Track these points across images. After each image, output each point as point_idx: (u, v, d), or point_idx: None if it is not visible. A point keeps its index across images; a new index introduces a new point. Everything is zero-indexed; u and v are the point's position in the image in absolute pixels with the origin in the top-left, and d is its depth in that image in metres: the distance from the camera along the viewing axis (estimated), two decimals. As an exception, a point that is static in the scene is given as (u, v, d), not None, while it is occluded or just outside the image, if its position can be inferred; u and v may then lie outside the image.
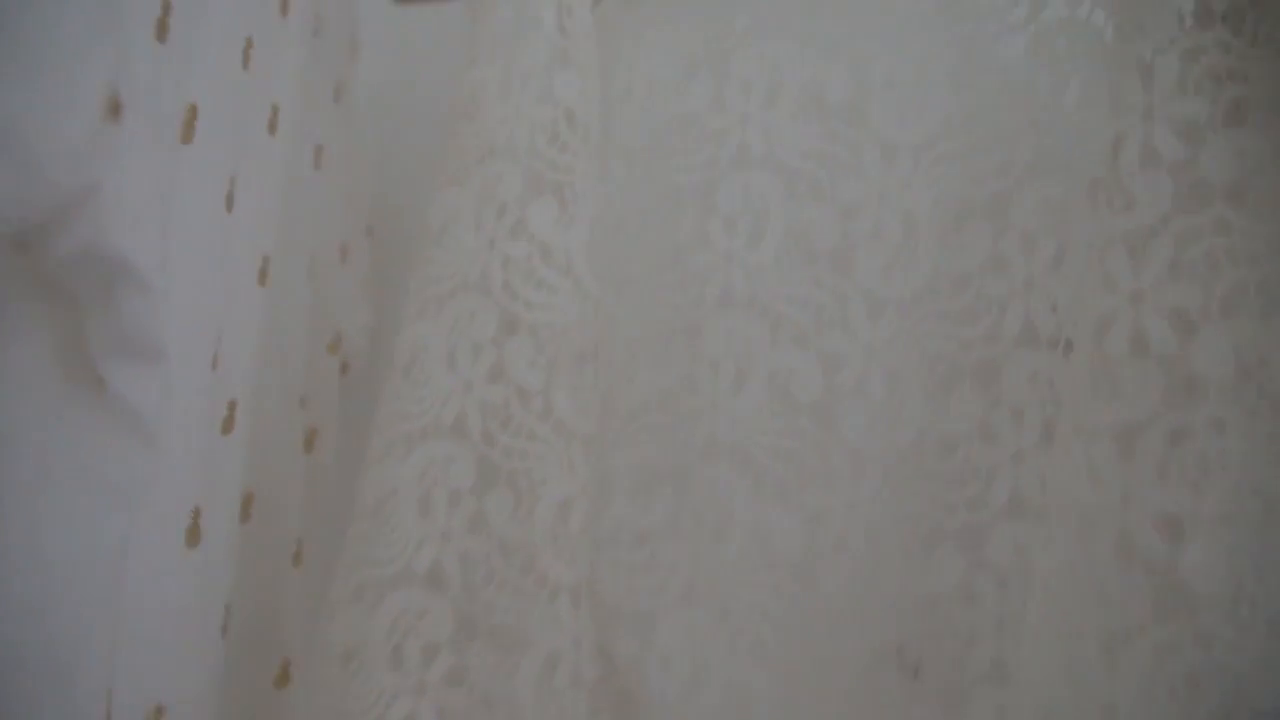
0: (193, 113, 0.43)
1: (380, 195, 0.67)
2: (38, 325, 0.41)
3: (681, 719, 0.47)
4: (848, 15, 0.49)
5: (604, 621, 0.48)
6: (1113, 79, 0.40)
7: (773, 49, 0.50)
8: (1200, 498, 0.35)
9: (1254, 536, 0.34)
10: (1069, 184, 0.45)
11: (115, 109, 0.38)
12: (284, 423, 0.55)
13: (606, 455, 0.50)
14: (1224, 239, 0.36)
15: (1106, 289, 0.38)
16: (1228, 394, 0.35)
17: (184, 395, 0.43)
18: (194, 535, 0.44)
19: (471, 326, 0.47)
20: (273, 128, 0.51)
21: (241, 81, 0.47)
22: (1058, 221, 0.46)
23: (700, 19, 0.52)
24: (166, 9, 0.41)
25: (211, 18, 0.45)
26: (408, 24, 0.69)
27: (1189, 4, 0.39)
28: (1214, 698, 0.34)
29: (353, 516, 0.46)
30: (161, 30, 0.40)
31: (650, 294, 0.50)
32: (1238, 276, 0.37)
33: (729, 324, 0.50)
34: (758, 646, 0.48)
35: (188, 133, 0.43)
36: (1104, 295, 0.38)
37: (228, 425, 0.48)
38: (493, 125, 0.48)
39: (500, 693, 0.44)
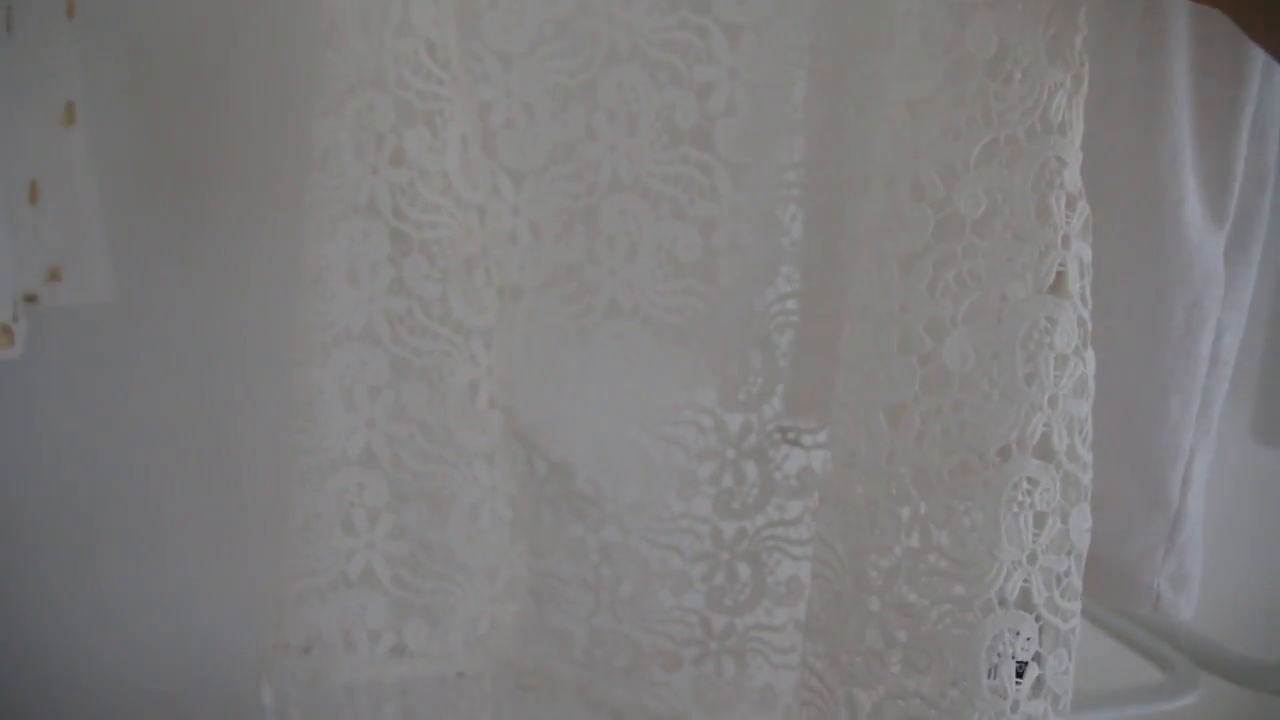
0: None
1: None
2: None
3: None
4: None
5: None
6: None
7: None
8: (957, 304, 0.46)
9: (991, 331, 0.46)
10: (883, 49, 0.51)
11: None
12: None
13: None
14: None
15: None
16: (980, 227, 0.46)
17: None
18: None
19: (367, 246, 0.55)
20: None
21: None
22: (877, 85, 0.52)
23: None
24: None
25: None
26: None
27: None
28: (962, 446, 0.46)
29: (288, 414, 0.57)
30: None
31: (549, 184, 0.58)
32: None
33: (620, 205, 0.57)
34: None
35: None
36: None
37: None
38: (358, 57, 0.55)
39: (435, 538, 0.57)
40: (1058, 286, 0.46)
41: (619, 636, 0.59)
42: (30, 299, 0.63)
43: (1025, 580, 0.46)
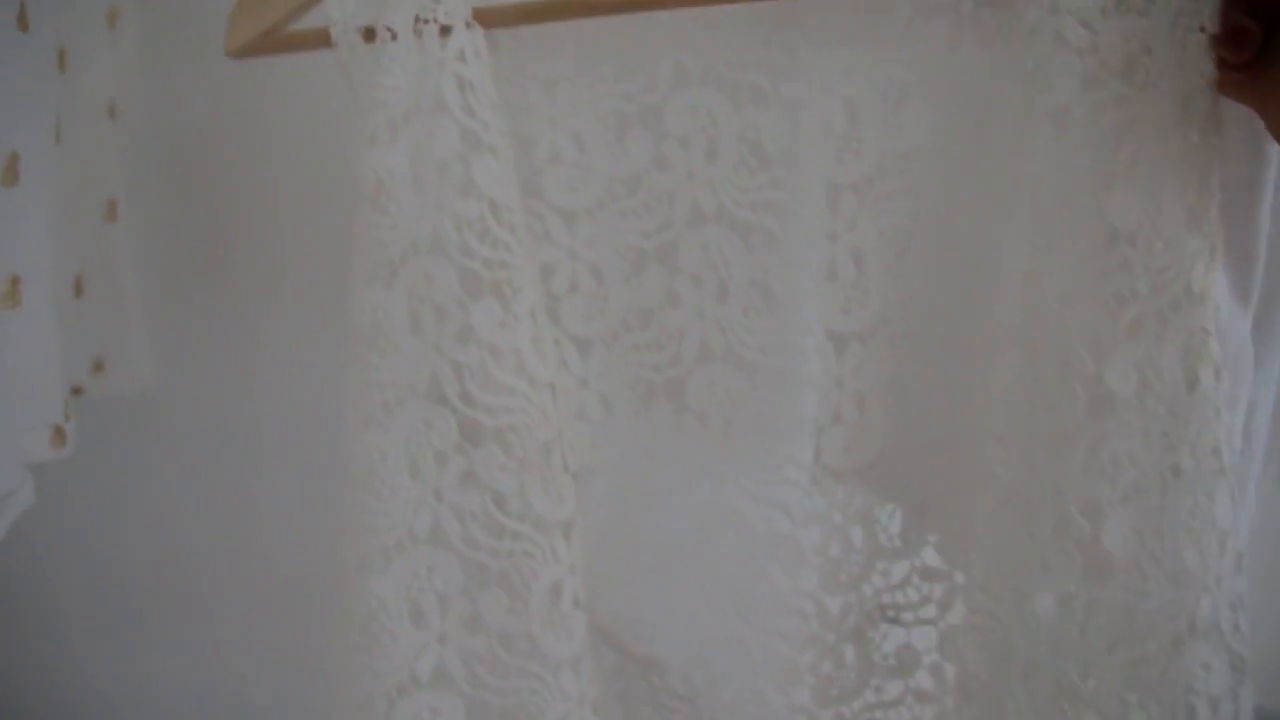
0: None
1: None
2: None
3: None
4: (770, 61, 0.50)
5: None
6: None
7: (703, 99, 0.51)
8: (1114, 485, 0.44)
9: (1152, 512, 0.44)
10: (1001, 213, 0.49)
11: None
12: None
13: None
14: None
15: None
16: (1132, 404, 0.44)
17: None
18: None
19: (430, 435, 0.49)
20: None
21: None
22: (992, 250, 0.50)
23: (617, 68, 0.52)
24: None
25: None
26: None
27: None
28: (1131, 635, 0.44)
29: (340, 630, 0.50)
30: None
31: (622, 354, 0.53)
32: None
33: (711, 377, 0.53)
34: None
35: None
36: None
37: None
38: (412, 220, 0.49)
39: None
40: (1214, 461, 0.45)
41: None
42: (76, 391, 0.66)
43: (1203, 773, 0.44)
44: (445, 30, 0.49)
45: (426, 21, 0.49)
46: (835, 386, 0.50)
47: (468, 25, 0.49)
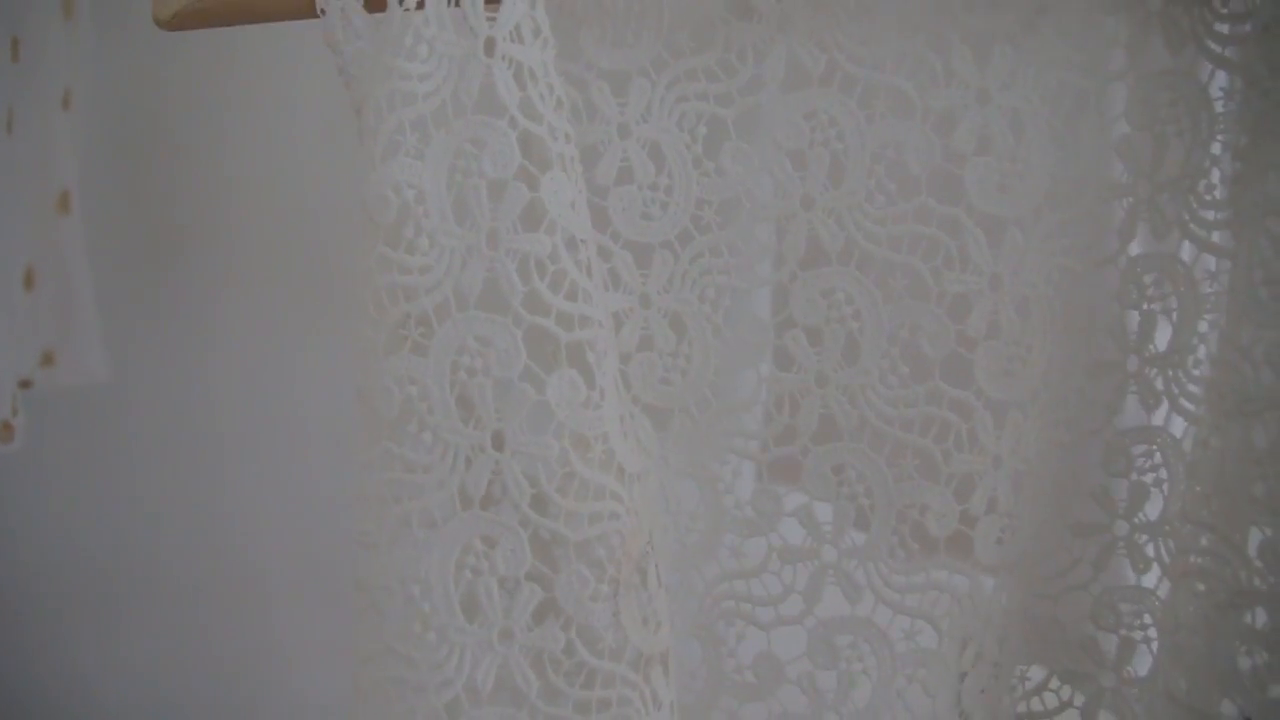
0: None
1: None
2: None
3: None
4: (914, 59, 0.39)
5: None
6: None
7: (825, 105, 0.40)
8: None
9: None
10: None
11: None
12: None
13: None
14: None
15: None
16: None
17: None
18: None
19: (493, 559, 0.36)
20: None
21: None
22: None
23: (708, 62, 0.40)
24: None
25: None
26: None
27: None
28: None
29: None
30: None
31: (713, 426, 0.41)
32: None
33: (837, 458, 0.42)
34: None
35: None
36: None
37: None
38: (451, 261, 0.36)
39: None
40: None
41: None
42: (25, 384, 0.66)
43: None
44: (494, -4, 0.36)
45: (467, -17, 0.35)
46: (993, 467, 0.41)
47: (527, -9, 0.36)
